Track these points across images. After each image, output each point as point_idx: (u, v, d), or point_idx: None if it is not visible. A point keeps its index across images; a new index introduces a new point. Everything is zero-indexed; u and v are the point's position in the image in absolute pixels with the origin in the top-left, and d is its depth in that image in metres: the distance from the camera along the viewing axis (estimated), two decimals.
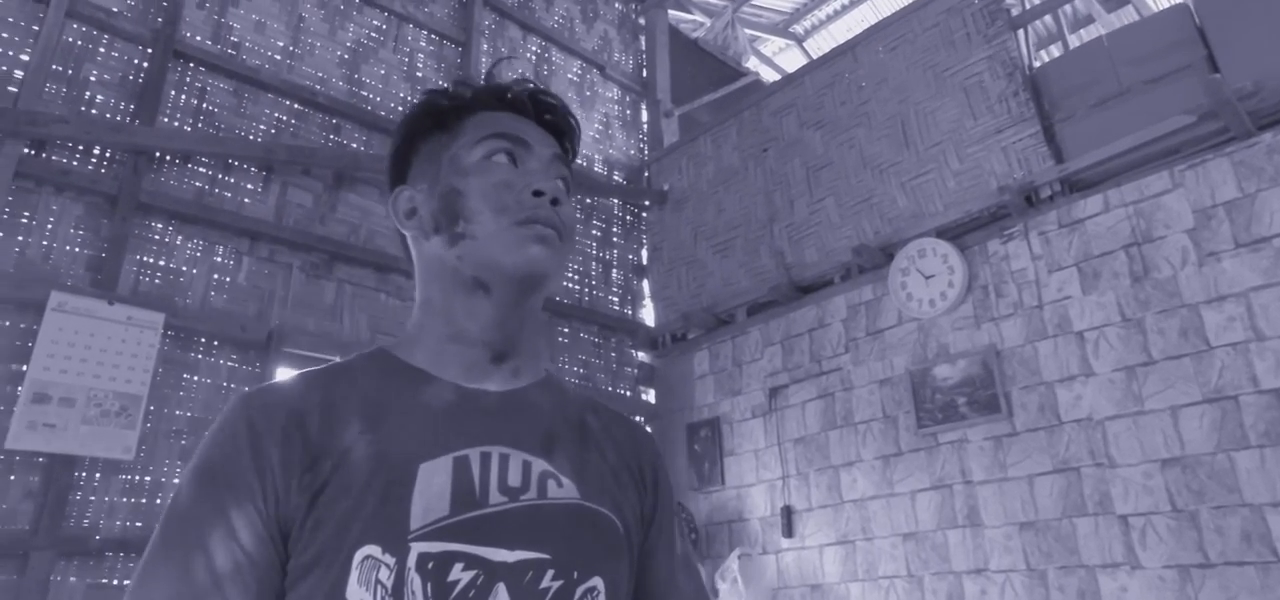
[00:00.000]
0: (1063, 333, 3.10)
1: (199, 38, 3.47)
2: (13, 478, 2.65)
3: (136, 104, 3.21)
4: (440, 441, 0.65)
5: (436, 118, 0.77)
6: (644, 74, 5.63)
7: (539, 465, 0.67)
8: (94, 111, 3.13)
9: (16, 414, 2.62)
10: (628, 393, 4.61)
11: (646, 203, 5.13)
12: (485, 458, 0.65)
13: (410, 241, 0.77)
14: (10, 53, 2.97)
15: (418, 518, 0.59)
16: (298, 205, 3.59)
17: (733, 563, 3.64)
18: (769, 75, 7.49)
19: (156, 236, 3.17)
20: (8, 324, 2.76)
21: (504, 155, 0.73)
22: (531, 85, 0.79)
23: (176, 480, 2.96)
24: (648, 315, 4.90)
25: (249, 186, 3.48)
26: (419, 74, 4.29)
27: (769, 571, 3.78)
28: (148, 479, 2.92)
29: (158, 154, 3.21)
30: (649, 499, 0.79)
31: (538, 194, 0.71)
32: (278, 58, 3.71)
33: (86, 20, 3.16)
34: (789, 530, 3.75)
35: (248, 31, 3.65)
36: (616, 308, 4.82)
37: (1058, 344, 3.10)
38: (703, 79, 5.96)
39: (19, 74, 2.95)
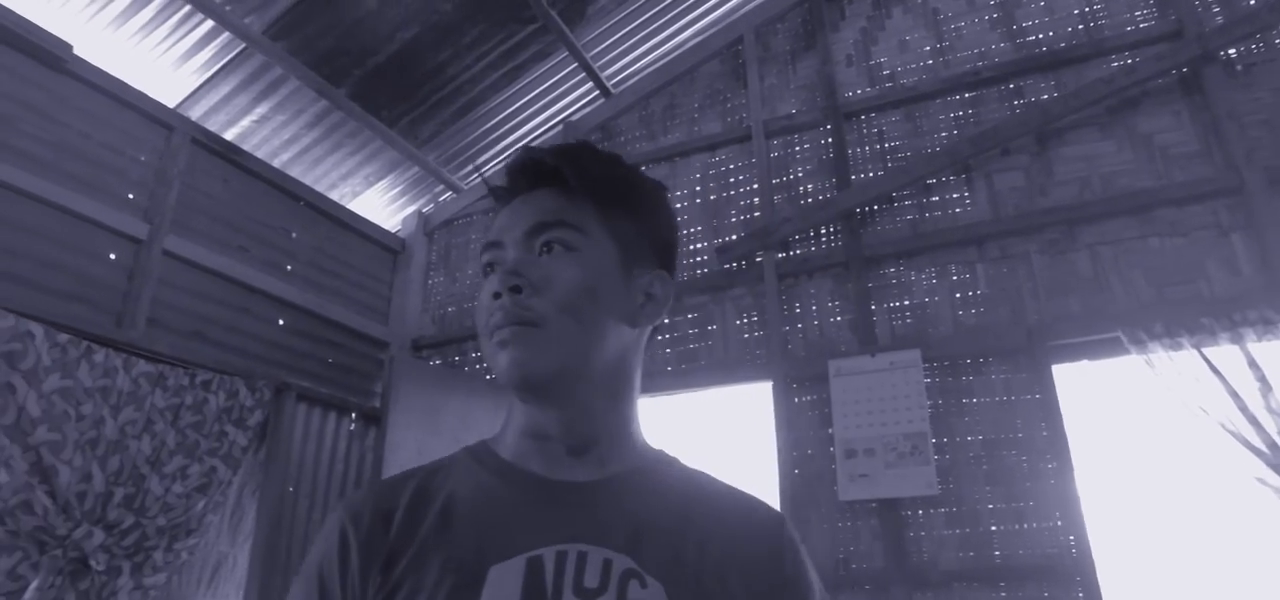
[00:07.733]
0: None
1: (857, 91, 3.66)
2: (857, 523, 3.03)
3: (835, 176, 3.55)
4: (515, 540, 0.63)
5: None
6: None
7: (622, 563, 0.63)
8: (808, 200, 3.59)
9: (838, 471, 3.01)
10: None
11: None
12: (561, 557, 0.62)
13: None
14: (747, 189, 3.73)
15: None
16: (1011, 188, 3.30)
17: None
18: None
19: (893, 281, 3.33)
20: (812, 398, 3.29)
21: (488, 265, 0.73)
22: (525, 157, 0.74)
23: (989, 506, 2.89)
24: None
25: (954, 196, 3.37)
26: None
27: None
28: (961, 509, 2.91)
29: (860, 209, 3.44)
30: (773, 595, 0.69)
31: (496, 295, 0.69)
32: (929, 62, 3.59)
33: (778, 133, 3.74)
34: None
35: (894, 57, 3.67)
36: None
37: None
38: None
39: (756, 200, 3.66)
